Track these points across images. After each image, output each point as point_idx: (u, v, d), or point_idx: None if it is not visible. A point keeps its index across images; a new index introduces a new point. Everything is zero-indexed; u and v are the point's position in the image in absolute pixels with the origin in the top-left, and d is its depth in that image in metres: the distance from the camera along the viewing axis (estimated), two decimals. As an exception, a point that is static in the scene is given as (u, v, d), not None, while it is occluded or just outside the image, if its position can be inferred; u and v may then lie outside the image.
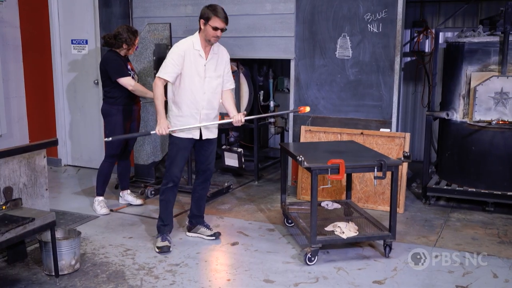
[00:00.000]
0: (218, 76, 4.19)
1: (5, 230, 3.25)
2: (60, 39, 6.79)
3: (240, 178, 6.40)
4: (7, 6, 6.59)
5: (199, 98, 4.12)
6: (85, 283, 3.62)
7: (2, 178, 3.90)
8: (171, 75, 4.06)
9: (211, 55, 4.15)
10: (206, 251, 4.17)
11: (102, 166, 5.11)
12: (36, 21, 6.77)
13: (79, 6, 6.61)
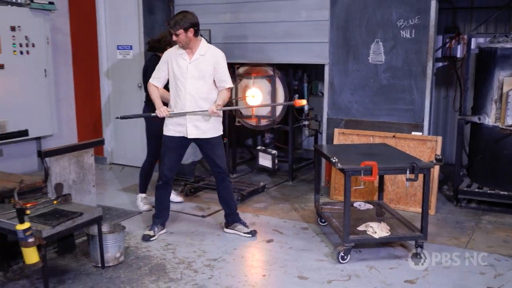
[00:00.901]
0: (202, 77, 4.39)
1: (56, 223, 3.47)
2: (107, 45, 7.11)
3: (275, 178, 6.57)
4: (59, 14, 6.90)
5: (183, 98, 4.41)
6: (129, 274, 3.81)
7: (53, 175, 4.15)
8: (157, 80, 4.53)
9: (196, 56, 4.39)
10: (242, 248, 4.35)
11: (144, 164, 5.36)
12: (85, 28, 7.11)
13: (124, 14, 6.91)
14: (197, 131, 4.46)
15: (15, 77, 6.19)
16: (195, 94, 4.39)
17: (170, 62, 4.46)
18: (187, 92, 4.38)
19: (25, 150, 6.72)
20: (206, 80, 4.41)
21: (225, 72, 4.48)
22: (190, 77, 4.37)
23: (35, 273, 3.72)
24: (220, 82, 4.46)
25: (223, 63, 4.48)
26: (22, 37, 6.21)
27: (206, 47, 4.45)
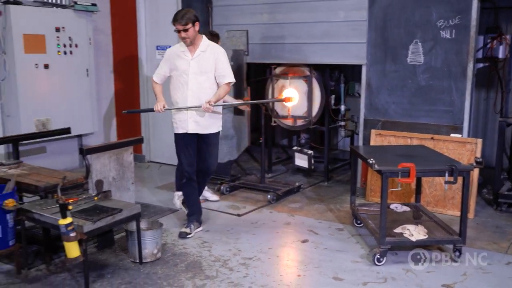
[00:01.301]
0: (203, 72, 4.47)
1: (97, 219, 3.57)
2: (146, 45, 7.23)
3: (310, 178, 6.56)
4: (101, 15, 7.08)
5: (186, 93, 4.49)
6: (165, 271, 3.88)
7: (94, 172, 4.27)
8: (158, 76, 4.67)
9: (198, 52, 4.48)
10: (277, 247, 4.36)
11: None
12: (125, 29, 7.26)
13: (164, 15, 7.02)
14: (197, 126, 4.54)
15: (58, 76, 6.39)
16: (196, 90, 4.48)
17: (172, 60, 4.56)
18: (189, 88, 4.48)
19: (66, 147, 6.92)
20: (208, 75, 4.50)
21: (225, 67, 4.55)
22: (192, 73, 4.47)
23: (76, 267, 3.83)
24: (220, 77, 4.52)
25: (224, 59, 4.56)
26: (66, 38, 6.41)
27: (207, 44, 4.56)
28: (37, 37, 6.10)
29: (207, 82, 4.50)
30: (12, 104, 6.10)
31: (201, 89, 4.48)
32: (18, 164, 4.67)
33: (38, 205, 3.81)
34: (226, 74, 4.53)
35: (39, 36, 6.11)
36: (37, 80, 6.20)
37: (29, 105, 6.13)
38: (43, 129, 6.18)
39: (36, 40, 6.09)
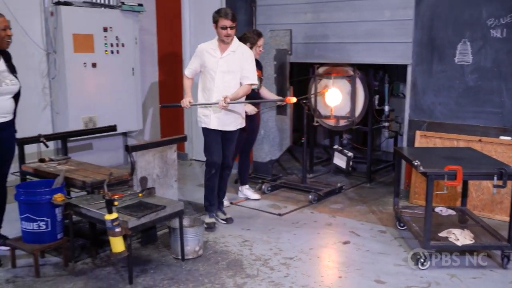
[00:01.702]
0: (231, 72, 4.61)
1: (141, 215, 3.64)
2: (191, 45, 7.31)
3: (352, 179, 6.49)
4: (146, 15, 7.21)
5: (212, 90, 4.64)
6: (207, 268, 3.92)
7: (139, 168, 4.35)
8: (189, 71, 4.83)
9: (228, 52, 4.63)
10: (318, 248, 4.34)
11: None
12: (170, 28, 7.38)
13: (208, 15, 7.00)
14: (219, 122, 4.69)
15: (105, 75, 6.55)
16: (222, 88, 4.61)
17: (202, 56, 4.69)
18: (215, 85, 4.62)
19: (112, 144, 7.09)
20: (235, 75, 4.64)
21: (251, 70, 4.68)
22: (219, 72, 4.61)
23: (120, 261, 3.92)
24: (244, 78, 4.66)
25: (250, 60, 4.69)
26: (113, 38, 6.57)
27: (237, 44, 4.70)
28: (86, 37, 6.28)
29: (233, 81, 4.64)
30: (61, 102, 6.29)
31: (227, 87, 4.61)
32: (66, 160, 4.82)
33: (85, 200, 3.92)
34: (250, 76, 4.67)
35: (87, 36, 6.29)
36: (85, 78, 6.37)
37: (77, 103, 6.31)
38: (90, 126, 6.35)
39: (85, 40, 6.27)
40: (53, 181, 4.03)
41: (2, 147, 3.99)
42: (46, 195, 3.79)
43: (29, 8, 6.07)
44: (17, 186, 3.93)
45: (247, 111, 5.08)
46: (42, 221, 3.79)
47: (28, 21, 6.05)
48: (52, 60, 6.23)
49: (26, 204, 3.79)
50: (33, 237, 3.83)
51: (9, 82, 3.91)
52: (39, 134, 4.79)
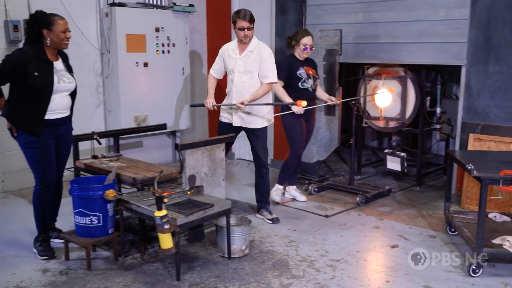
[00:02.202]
0: (248, 72, 4.72)
1: (189, 212, 3.69)
2: (239, 45, 7.39)
3: (401, 182, 6.37)
4: (197, 15, 7.33)
5: (231, 90, 4.82)
6: (253, 267, 3.93)
7: (188, 167, 4.41)
8: (214, 71, 5.02)
9: (246, 52, 4.74)
10: (365, 251, 4.28)
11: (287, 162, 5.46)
12: (220, 28, 7.45)
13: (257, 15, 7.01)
14: (241, 120, 4.85)
15: (156, 74, 6.68)
16: (240, 87, 4.75)
17: (224, 57, 4.89)
18: (234, 85, 4.78)
19: (160, 142, 7.23)
20: (253, 75, 4.73)
21: (269, 68, 4.72)
22: (237, 72, 4.76)
23: (168, 258, 4.00)
24: (262, 77, 4.72)
25: (269, 59, 4.73)
26: (165, 38, 6.70)
27: (256, 43, 4.79)
28: (139, 37, 6.43)
29: (251, 81, 4.75)
30: (113, 100, 6.47)
31: (245, 87, 4.74)
32: (118, 157, 4.95)
33: (135, 197, 4.01)
34: (269, 75, 4.72)
35: (140, 36, 6.44)
36: (137, 77, 6.53)
37: (129, 101, 6.47)
38: (140, 124, 6.50)
39: (137, 40, 6.42)
40: (105, 177, 4.14)
41: (60, 141, 4.15)
42: (99, 190, 3.90)
43: (85, 9, 6.28)
44: (71, 181, 4.07)
45: (294, 111, 5.08)
46: (95, 216, 3.90)
47: (84, 22, 6.26)
48: (106, 59, 6.42)
49: (79, 199, 3.92)
50: (85, 231, 3.95)
51: (67, 80, 4.06)
52: (92, 132, 4.94)
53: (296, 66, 5.22)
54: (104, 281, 3.69)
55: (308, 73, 5.25)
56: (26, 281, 3.67)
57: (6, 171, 5.82)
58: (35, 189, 4.09)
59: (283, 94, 5.13)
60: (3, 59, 3.87)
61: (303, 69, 5.24)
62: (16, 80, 3.86)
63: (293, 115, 5.14)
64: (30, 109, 3.89)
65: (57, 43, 3.97)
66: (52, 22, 3.92)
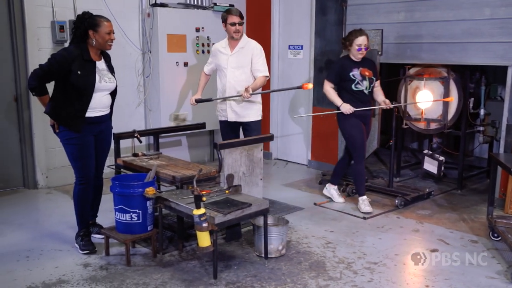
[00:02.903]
0: (241, 67, 5.00)
1: (227, 211, 3.70)
2: (279, 45, 7.38)
3: (441, 185, 6.23)
4: (237, 15, 7.36)
5: (224, 85, 5.07)
6: (289, 268, 3.92)
7: (226, 166, 4.44)
8: (207, 68, 5.35)
9: (237, 49, 5.02)
10: (404, 254, 4.20)
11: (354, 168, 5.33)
12: (259, 28, 7.46)
13: (297, 15, 7.12)
14: (235, 115, 5.10)
15: (196, 74, 6.71)
16: (233, 82, 5.01)
17: (215, 55, 5.16)
18: (227, 81, 5.03)
19: (198, 141, 7.30)
20: (244, 70, 5.01)
21: (261, 62, 5.02)
22: (230, 68, 5.02)
23: (205, 256, 4.03)
24: (255, 71, 5.00)
25: (260, 54, 5.03)
26: (205, 38, 6.76)
27: (246, 41, 5.07)
28: (179, 37, 6.51)
29: (243, 75, 5.01)
30: (154, 99, 6.57)
31: (238, 81, 5.00)
32: (158, 155, 5.02)
33: (174, 195, 4.06)
34: (261, 68, 5.01)
35: (181, 36, 6.52)
36: (177, 77, 6.61)
37: (169, 100, 6.56)
38: (180, 123, 6.57)
39: (178, 40, 6.50)
40: (145, 175, 4.22)
41: (99, 138, 4.25)
42: (139, 188, 3.97)
43: (128, 10, 6.41)
44: (112, 178, 4.15)
45: (343, 111, 5.06)
46: (135, 213, 3.97)
47: (126, 23, 6.38)
48: (147, 59, 6.53)
49: (120, 196, 4.00)
50: (125, 227, 4.02)
51: (108, 80, 4.16)
52: (133, 130, 5.03)
53: (349, 67, 5.11)
54: (142, 277, 3.75)
55: (363, 74, 5.11)
56: (68, 275, 3.77)
57: (50, 168, 6.00)
58: (75, 185, 4.21)
59: (332, 95, 5.15)
60: (49, 58, 4.00)
61: (358, 71, 5.10)
62: (60, 78, 3.99)
63: (351, 120, 5.07)
64: (72, 107, 4.01)
65: (102, 44, 4.08)
66: (98, 23, 4.02)
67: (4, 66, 5.72)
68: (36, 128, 5.82)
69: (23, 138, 5.87)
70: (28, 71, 5.56)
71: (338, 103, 5.10)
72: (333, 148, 6.66)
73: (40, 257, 4.09)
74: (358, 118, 5.12)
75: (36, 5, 5.68)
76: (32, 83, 4.02)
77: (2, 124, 5.77)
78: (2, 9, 5.63)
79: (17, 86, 5.78)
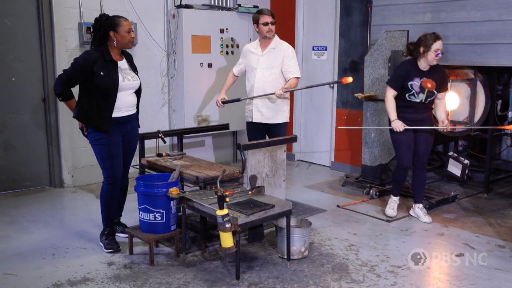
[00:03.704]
0: (271, 67, 5.00)
1: (250, 212, 3.70)
2: (303, 46, 7.37)
3: (467, 188, 6.14)
4: (261, 16, 7.37)
5: (253, 86, 5.08)
6: (312, 270, 3.90)
7: (249, 167, 4.44)
8: (236, 69, 5.36)
9: (268, 50, 5.04)
10: (429, 258, 4.15)
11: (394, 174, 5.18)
12: (283, 30, 7.41)
13: (322, 16, 7.09)
14: (261, 116, 5.11)
15: (220, 75, 6.77)
16: (262, 83, 5.02)
17: (246, 55, 5.18)
18: (255, 81, 5.04)
19: (221, 142, 7.33)
20: (274, 70, 5.00)
21: (293, 64, 5.01)
22: (260, 68, 5.03)
23: (228, 256, 4.04)
24: (287, 72, 5.00)
25: (292, 56, 5.03)
26: (229, 39, 6.79)
27: (278, 42, 5.08)
28: (204, 38, 6.55)
29: (272, 76, 5.01)
30: (178, 100, 6.62)
31: (266, 82, 5.00)
32: (181, 156, 5.06)
33: (197, 195, 4.08)
34: (293, 70, 5.01)
35: (205, 37, 6.56)
36: (201, 78, 6.65)
37: (193, 101, 6.60)
38: (203, 124, 6.61)
39: (202, 41, 6.54)
40: (168, 175, 4.25)
41: (126, 138, 4.31)
42: (163, 188, 4.00)
43: (153, 11, 6.48)
44: (137, 178, 4.19)
45: (394, 128, 4.79)
46: (158, 212, 4.00)
47: (152, 24, 6.45)
48: (171, 60, 6.58)
49: (144, 195, 4.03)
50: (149, 227, 4.06)
51: (131, 78, 4.22)
52: (158, 130, 5.07)
53: (412, 75, 4.78)
54: (165, 276, 3.78)
55: (424, 86, 4.76)
56: (93, 273, 3.83)
57: (76, 167, 6.10)
58: (103, 184, 4.27)
59: (390, 105, 4.84)
60: (72, 63, 4.08)
61: (419, 81, 4.76)
62: (84, 81, 4.06)
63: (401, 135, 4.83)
64: (98, 108, 4.07)
65: (123, 44, 4.14)
66: (118, 23, 4.08)
67: (33, 67, 5.83)
68: (63, 128, 5.92)
69: (50, 138, 5.98)
70: (55, 72, 5.66)
71: (391, 118, 4.82)
72: (356, 150, 6.61)
73: (65, 255, 4.16)
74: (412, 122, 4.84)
75: (64, 7, 5.78)
76: (57, 89, 4.11)
77: (30, 124, 5.89)
78: (31, 11, 5.74)
79: (45, 87, 5.89)
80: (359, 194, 5.89)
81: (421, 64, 4.79)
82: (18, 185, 5.90)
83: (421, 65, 4.79)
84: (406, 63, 4.94)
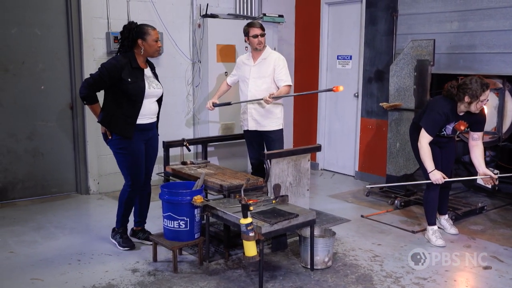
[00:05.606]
0: (262, 77, 5.16)
1: (274, 221, 3.69)
2: (328, 55, 7.36)
3: (495, 200, 6.02)
4: (285, 26, 7.39)
5: (246, 95, 5.24)
6: (335, 280, 3.87)
7: (273, 176, 4.45)
8: (230, 79, 5.58)
9: (260, 60, 5.21)
10: (455, 270, 4.08)
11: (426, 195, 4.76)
12: (308, 39, 7.47)
13: (346, 25, 7.07)
14: (256, 124, 5.26)
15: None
16: (255, 91, 5.17)
17: (239, 66, 5.37)
18: (248, 90, 5.21)
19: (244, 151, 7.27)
20: (266, 79, 5.16)
21: (283, 72, 5.15)
22: (252, 77, 5.20)
23: (251, 265, 4.03)
24: (279, 81, 5.15)
25: (282, 65, 5.16)
26: (253, 48, 6.80)
27: (269, 52, 5.24)
28: (228, 47, 6.59)
29: (264, 84, 5.16)
30: (202, 108, 6.66)
31: (259, 91, 5.15)
32: (206, 164, 5.09)
33: (221, 204, 4.09)
34: (284, 78, 5.15)
35: (230, 46, 6.60)
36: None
37: (217, 109, 6.60)
38: (227, 132, 6.63)
39: (227, 50, 6.58)
40: (192, 183, 4.27)
41: (147, 146, 4.36)
42: (187, 196, 4.02)
43: (179, 21, 6.55)
44: (161, 186, 4.23)
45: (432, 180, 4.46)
46: (182, 220, 4.02)
47: (178, 34, 6.52)
48: (196, 69, 6.64)
49: (168, 203, 4.06)
50: (173, 234, 4.08)
51: (155, 86, 4.29)
52: (182, 138, 5.12)
53: (449, 121, 4.52)
54: (189, 284, 3.79)
55: (457, 129, 4.55)
56: (117, 279, 3.86)
57: (102, 174, 6.18)
58: (124, 190, 4.35)
59: (427, 154, 4.48)
60: (99, 68, 4.14)
61: (453, 125, 4.55)
62: (111, 87, 4.13)
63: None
64: (123, 114, 4.13)
65: (150, 52, 4.20)
66: (146, 32, 4.15)
67: (62, 76, 5.95)
68: (89, 136, 6.02)
69: (77, 145, 6.08)
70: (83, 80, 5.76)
71: (429, 169, 4.46)
72: (381, 160, 6.55)
73: (90, 261, 4.21)
74: (436, 144, 4.63)
75: (92, 17, 5.89)
76: (83, 92, 4.17)
77: (57, 132, 5.99)
78: (60, 21, 5.86)
79: (72, 95, 6.00)
80: (384, 204, 5.83)
81: (459, 108, 4.45)
82: (45, 191, 6.00)
83: (459, 109, 4.46)
84: (445, 107, 4.46)
